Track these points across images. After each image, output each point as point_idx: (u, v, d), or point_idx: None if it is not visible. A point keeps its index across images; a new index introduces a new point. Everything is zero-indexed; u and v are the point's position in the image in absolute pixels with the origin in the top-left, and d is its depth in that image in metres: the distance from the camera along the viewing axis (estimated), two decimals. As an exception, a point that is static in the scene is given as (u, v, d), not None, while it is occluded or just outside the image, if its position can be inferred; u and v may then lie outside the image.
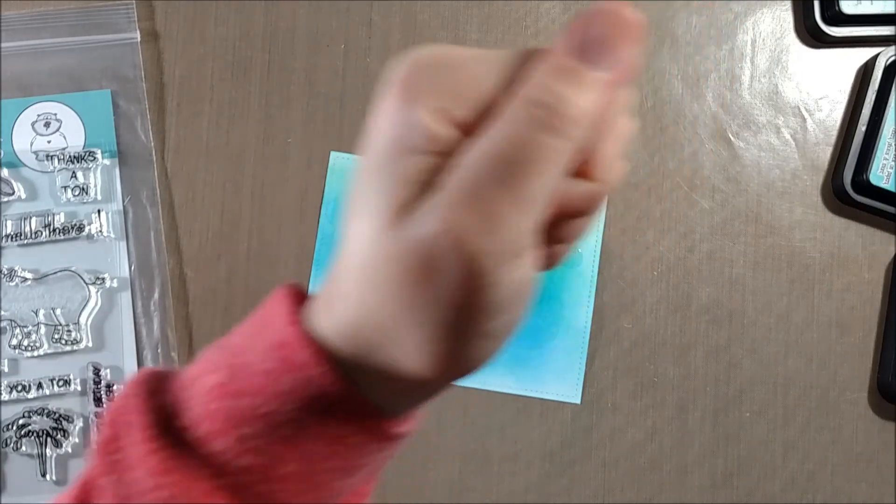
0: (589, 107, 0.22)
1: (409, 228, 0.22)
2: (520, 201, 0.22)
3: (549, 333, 0.53)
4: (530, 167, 0.22)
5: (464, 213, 0.22)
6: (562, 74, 0.22)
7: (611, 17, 0.22)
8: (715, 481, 0.53)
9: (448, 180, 0.22)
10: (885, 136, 0.53)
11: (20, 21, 0.52)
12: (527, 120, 0.22)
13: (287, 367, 0.25)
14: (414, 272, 0.23)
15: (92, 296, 0.52)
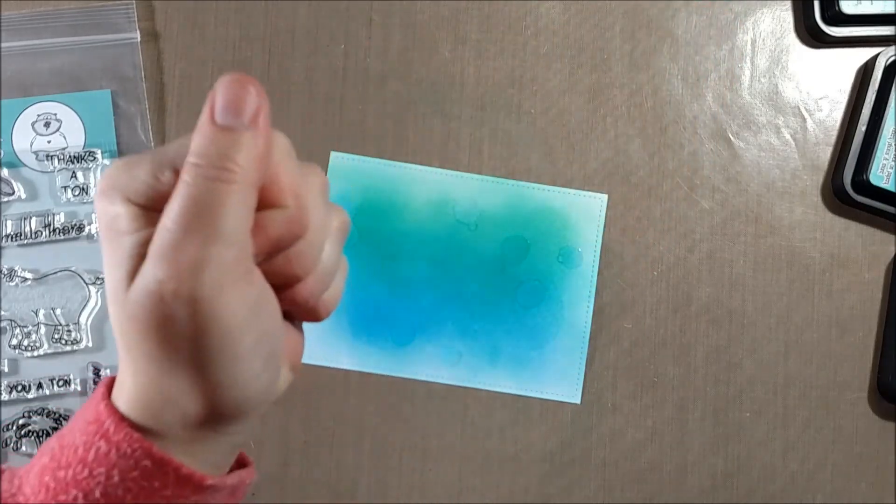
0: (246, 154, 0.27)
1: (135, 289, 0.27)
2: (217, 237, 0.27)
3: (549, 333, 0.53)
4: (216, 209, 0.27)
5: (172, 262, 0.27)
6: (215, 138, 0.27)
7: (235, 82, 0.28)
8: (715, 481, 0.53)
9: (154, 244, 0.27)
10: (885, 136, 0.53)
11: (20, 21, 0.52)
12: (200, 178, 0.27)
13: (96, 438, 0.29)
14: (151, 322, 0.27)
15: (92, 296, 0.52)
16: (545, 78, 0.54)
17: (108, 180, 0.29)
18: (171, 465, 0.29)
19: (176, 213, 0.27)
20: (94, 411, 0.30)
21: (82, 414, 0.31)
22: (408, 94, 0.54)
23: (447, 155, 0.54)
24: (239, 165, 0.27)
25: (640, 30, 0.55)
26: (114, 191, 0.29)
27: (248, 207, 0.28)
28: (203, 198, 0.27)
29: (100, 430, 0.29)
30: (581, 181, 0.54)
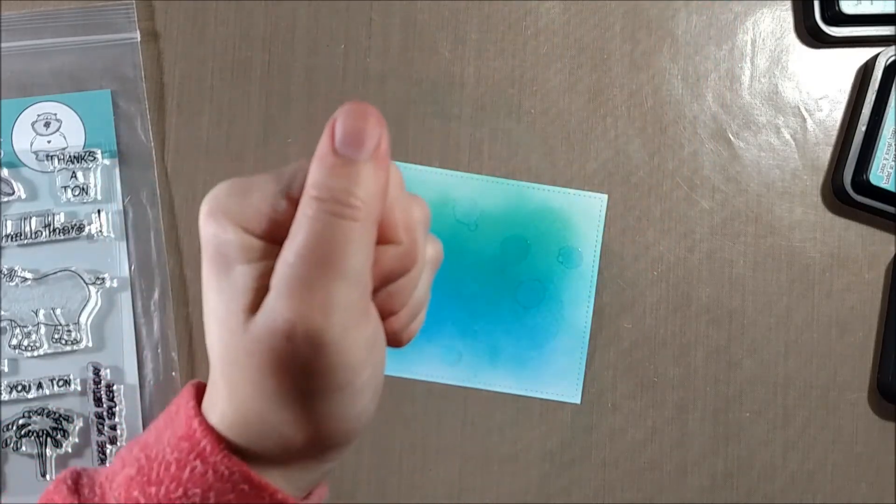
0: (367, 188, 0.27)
1: (259, 325, 0.27)
2: (343, 277, 0.26)
3: (549, 333, 0.53)
4: (341, 248, 0.26)
5: (300, 301, 0.26)
6: (337, 170, 0.27)
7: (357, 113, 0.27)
8: (715, 481, 0.53)
9: (277, 279, 0.27)
10: (885, 136, 0.53)
11: (20, 21, 0.52)
12: (323, 214, 0.26)
13: (191, 457, 0.28)
14: (273, 359, 0.27)
15: (92, 296, 0.52)
16: (545, 78, 0.54)
17: (217, 203, 0.28)
18: (268, 490, 0.29)
19: (301, 249, 0.26)
20: (187, 427, 0.29)
21: (170, 426, 0.30)
22: (408, 94, 0.54)
23: (447, 155, 0.54)
24: (361, 201, 0.27)
25: (640, 30, 0.55)
26: (225, 216, 0.28)
27: (371, 245, 0.28)
28: (328, 235, 0.26)
29: (195, 448, 0.29)
30: (581, 181, 0.54)
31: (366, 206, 0.27)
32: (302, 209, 0.27)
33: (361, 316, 0.28)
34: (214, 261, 0.28)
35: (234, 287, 0.28)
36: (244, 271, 0.28)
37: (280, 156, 0.54)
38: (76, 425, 0.51)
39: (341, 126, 0.27)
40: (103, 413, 0.51)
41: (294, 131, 0.54)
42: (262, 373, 0.27)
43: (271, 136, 0.54)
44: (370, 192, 0.27)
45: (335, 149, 0.27)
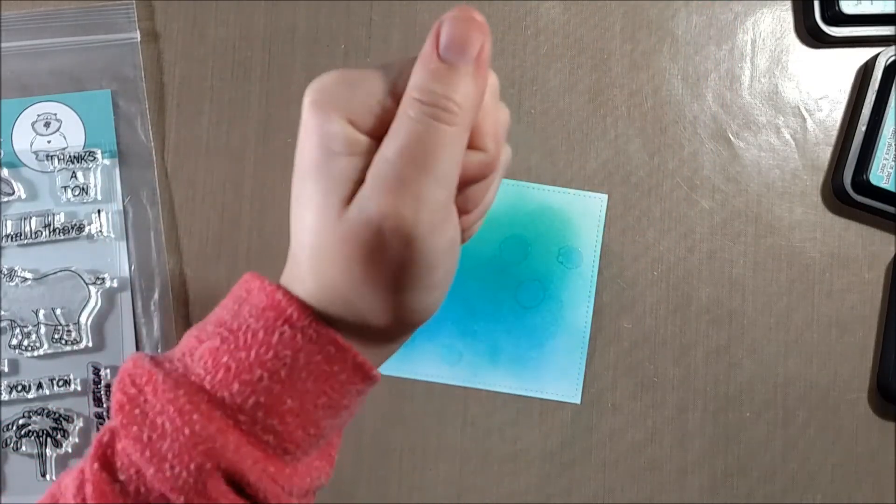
0: (465, 94, 0.28)
1: (354, 215, 0.28)
2: (436, 178, 0.28)
3: (549, 333, 0.53)
4: (436, 151, 0.28)
5: (395, 197, 0.28)
6: (439, 75, 0.28)
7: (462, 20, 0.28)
8: (715, 481, 0.53)
9: (374, 174, 0.28)
10: (885, 136, 0.53)
11: (20, 21, 0.52)
12: (423, 116, 0.28)
13: (277, 322, 0.30)
14: (364, 248, 0.28)
15: (92, 296, 0.52)
16: (545, 78, 0.54)
17: (325, 94, 0.29)
18: (351, 353, 0.31)
19: (400, 147, 0.28)
20: (270, 299, 0.31)
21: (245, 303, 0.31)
22: (408, 94, 0.54)
23: (447, 155, 0.54)
24: (459, 106, 0.28)
25: (640, 30, 0.55)
26: (333, 107, 0.29)
27: (462, 149, 0.29)
28: (425, 136, 0.28)
29: (281, 315, 0.30)
30: (581, 181, 0.54)
31: (462, 112, 0.28)
32: (403, 108, 0.28)
33: (446, 216, 0.29)
34: (319, 152, 0.29)
35: (335, 177, 0.29)
36: (346, 163, 0.29)
37: (280, 156, 0.54)
38: (76, 425, 0.51)
39: (446, 31, 0.28)
40: (103, 413, 0.51)
41: (294, 131, 0.54)
42: (351, 260, 0.29)
43: (271, 136, 0.54)
44: (468, 99, 0.28)
45: (439, 53, 0.28)
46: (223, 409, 0.30)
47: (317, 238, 0.30)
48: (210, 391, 0.30)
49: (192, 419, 0.29)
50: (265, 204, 0.53)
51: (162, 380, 0.30)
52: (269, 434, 0.30)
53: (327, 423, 0.32)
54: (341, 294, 0.30)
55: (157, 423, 0.29)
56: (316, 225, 0.29)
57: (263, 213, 0.53)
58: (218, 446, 0.29)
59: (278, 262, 0.53)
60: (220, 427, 0.29)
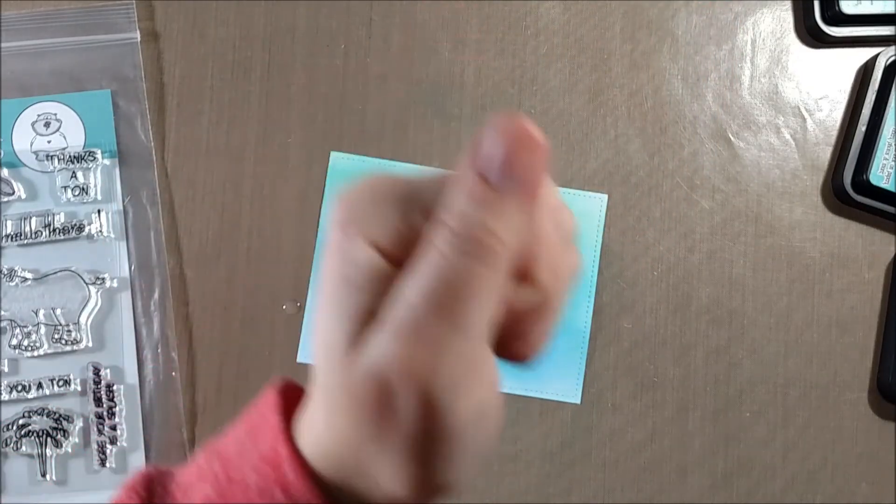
0: (509, 228, 0.23)
1: (360, 362, 0.24)
2: (463, 329, 0.23)
3: (549, 333, 0.53)
4: (463, 296, 0.23)
5: (410, 349, 0.23)
6: (478, 199, 0.23)
7: (512, 134, 0.22)
8: (715, 481, 0.53)
9: (390, 314, 0.23)
10: (885, 136, 0.53)
11: (20, 21, 0.52)
12: (455, 252, 0.23)
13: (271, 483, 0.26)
14: (369, 403, 0.24)
15: (92, 296, 0.52)
16: (545, 78, 0.54)
17: (351, 212, 0.25)
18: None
19: (424, 289, 0.23)
20: (272, 449, 0.26)
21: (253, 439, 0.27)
22: (408, 94, 0.54)
23: (447, 155, 0.54)
24: (500, 241, 0.23)
25: (640, 30, 0.55)
26: (356, 228, 0.24)
27: (499, 293, 0.24)
28: (455, 277, 0.23)
29: (277, 475, 0.26)
30: (581, 181, 0.54)
31: (503, 248, 0.23)
32: (433, 240, 0.23)
33: (474, 373, 0.24)
34: (337, 279, 0.25)
35: (347, 311, 0.24)
36: (364, 297, 0.24)
37: (280, 156, 0.54)
38: (76, 425, 0.51)
39: (491, 145, 0.23)
40: (103, 413, 0.51)
41: (294, 131, 0.54)
42: (360, 413, 0.24)
43: (271, 136, 0.54)
44: (511, 231, 0.23)
45: (479, 171, 0.23)
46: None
47: (325, 380, 0.25)
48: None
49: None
50: (265, 204, 0.53)
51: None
52: None
53: None
54: (353, 451, 0.25)
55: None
56: (326, 364, 0.25)
57: (263, 213, 0.53)
58: None
59: (278, 263, 0.53)
60: None
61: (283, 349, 0.53)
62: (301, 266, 0.53)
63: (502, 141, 0.23)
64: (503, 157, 0.23)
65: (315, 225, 0.53)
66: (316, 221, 0.53)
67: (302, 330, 0.53)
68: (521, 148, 0.23)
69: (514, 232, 0.23)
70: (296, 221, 0.53)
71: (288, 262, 0.53)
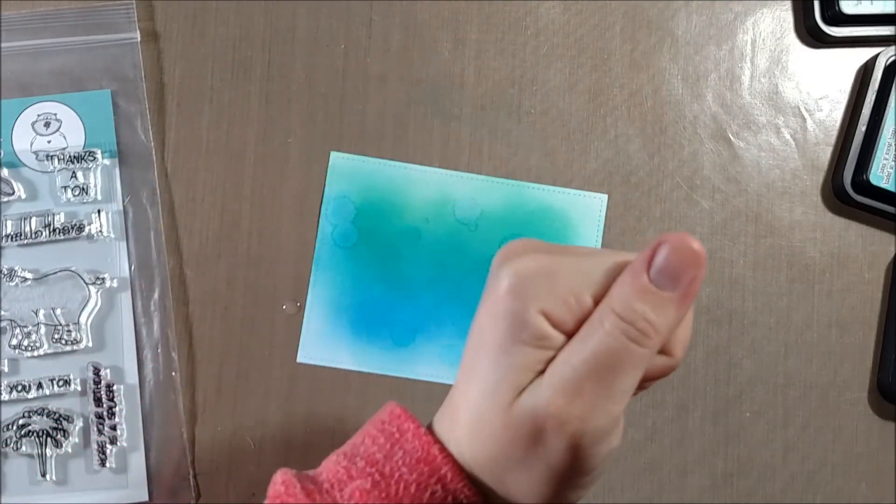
0: (666, 321, 0.28)
1: (523, 406, 0.29)
2: (613, 394, 0.28)
3: (549, 333, 0.53)
4: (620, 368, 0.28)
5: (568, 403, 0.28)
6: (644, 295, 0.28)
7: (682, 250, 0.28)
8: (715, 481, 0.53)
9: (554, 373, 0.28)
10: (885, 136, 0.53)
11: (20, 21, 0.52)
12: (618, 333, 0.28)
13: (431, 479, 0.30)
14: (525, 441, 0.29)
15: (92, 296, 0.52)
16: (545, 78, 0.54)
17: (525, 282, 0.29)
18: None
19: (587, 357, 0.28)
20: (425, 452, 0.31)
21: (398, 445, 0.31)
22: (408, 94, 0.54)
23: (447, 155, 0.54)
24: (657, 331, 0.28)
25: (640, 30, 0.55)
26: (532, 299, 0.29)
27: (645, 367, 0.29)
28: (615, 352, 0.28)
29: (436, 472, 0.30)
30: (581, 181, 0.54)
31: (657, 336, 0.28)
32: (599, 317, 0.28)
33: (614, 427, 0.29)
34: (506, 333, 0.29)
35: (516, 364, 0.29)
36: (531, 354, 0.29)
37: (280, 156, 0.54)
38: (76, 425, 0.51)
39: (662, 255, 0.28)
40: (103, 413, 0.51)
41: (294, 131, 0.54)
42: (510, 444, 0.29)
43: (271, 136, 0.54)
44: (666, 325, 0.28)
45: (650, 275, 0.28)
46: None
47: (482, 412, 0.30)
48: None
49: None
50: (265, 204, 0.53)
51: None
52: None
53: None
54: (496, 471, 0.30)
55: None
56: (483, 402, 0.30)
57: (263, 213, 0.53)
58: None
59: (278, 263, 0.53)
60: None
61: (283, 349, 0.53)
62: (301, 266, 0.53)
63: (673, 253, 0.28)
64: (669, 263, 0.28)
65: (315, 225, 0.53)
66: (316, 221, 0.53)
67: (302, 330, 0.53)
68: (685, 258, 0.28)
69: (668, 325, 0.29)
70: (296, 221, 0.53)
71: (288, 262, 0.53)
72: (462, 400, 0.31)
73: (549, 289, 0.29)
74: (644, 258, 0.28)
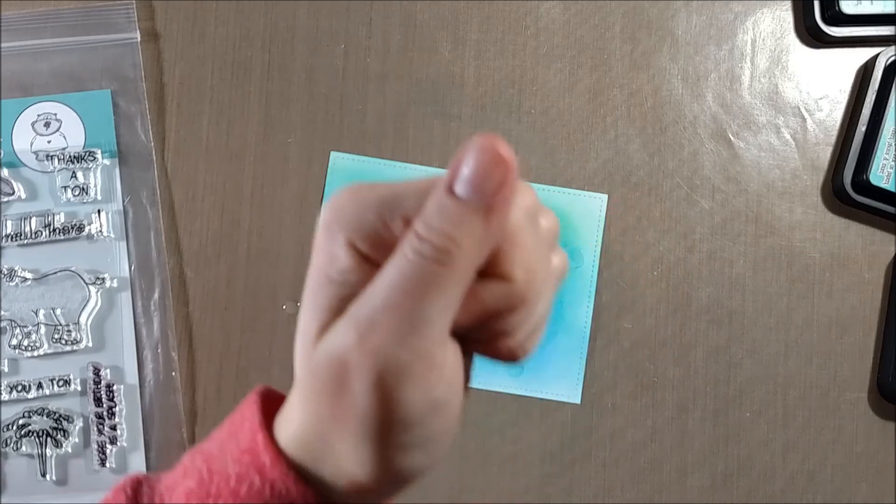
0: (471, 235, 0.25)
1: (321, 349, 0.26)
2: (414, 324, 0.25)
3: (549, 333, 0.53)
4: (420, 295, 0.25)
5: (362, 337, 0.25)
6: (443, 210, 0.25)
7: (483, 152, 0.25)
8: (715, 481, 0.53)
9: (352, 309, 0.26)
10: (885, 136, 0.53)
11: (20, 21, 0.52)
12: (414, 255, 0.25)
13: (251, 471, 0.28)
14: (329, 385, 0.26)
15: (92, 296, 0.52)
16: (545, 78, 0.54)
17: (335, 212, 0.28)
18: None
19: (384, 286, 0.25)
20: (250, 440, 0.28)
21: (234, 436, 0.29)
22: (408, 94, 0.54)
23: (447, 155, 0.54)
24: (460, 248, 0.25)
25: (640, 30, 0.55)
26: (339, 228, 0.27)
27: (457, 294, 0.26)
28: (413, 276, 0.25)
29: (255, 462, 0.28)
30: (581, 181, 0.54)
31: (463, 255, 0.25)
32: (403, 247, 0.25)
33: (426, 368, 0.26)
34: (316, 275, 0.27)
35: (320, 304, 0.27)
36: (333, 291, 0.27)
37: (280, 156, 0.54)
38: (76, 425, 0.51)
39: (467, 165, 0.25)
40: (103, 413, 0.51)
41: (294, 131, 0.54)
42: (319, 395, 0.27)
43: (271, 136, 0.54)
44: (472, 240, 0.25)
45: (454, 188, 0.25)
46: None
47: (298, 366, 0.28)
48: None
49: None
50: (265, 204, 0.53)
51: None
52: None
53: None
54: (319, 435, 0.27)
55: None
56: (298, 350, 0.28)
57: (263, 213, 0.53)
58: None
59: (278, 263, 0.53)
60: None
61: (283, 349, 0.53)
62: (301, 266, 0.53)
63: (473, 159, 0.25)
64: (471, 174, 0.25)
65: (315, 225, 0.53)
66: (316, 221, 0.53)
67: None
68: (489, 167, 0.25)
69: (475, 240, 0.25)
70: (296, 221, 0.53)
71: (288, 262, 0.53)
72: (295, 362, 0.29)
73: (358, 218, 0.27)
74: (450, 171, 0.25)
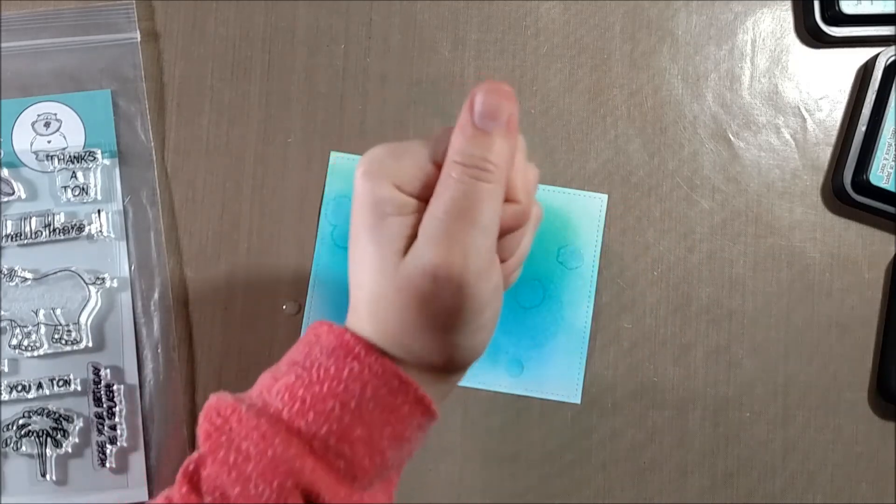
0: (499, 154, 0.32)
1: (409, 267, 0.32)
2: (480, 229, 0.32)
3: (549, 333, 0.53)
4: (478, 205, 0.32)
5: (445, 248, 0.32)
6: (475, 139, 0.32)
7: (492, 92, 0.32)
8: (715, 481, 0.53)
9: (425, 229, 0.32)
10: (885, 136, 0.53)
11: (20, 21, 0.52)
12: (465, 177, 0.32)
13: (349, 359, 0.34)
14: (419, 296, 0.32)
15: (92, 296, 0.52)
16: (545, 78, 0.54)
17: (375, 165, 0.33)
18: (412, 387, 0.34)
19: (446, 204, 0.32)
20: (338, 340, 0.35)
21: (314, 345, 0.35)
22: (408, 94, 0.54)
23: (447, 155, 0.54)
24: (494, 165, 0.32)
25: (640, 30, 0.55)
26: (382, 175, 0.33)
27: (500, 201, 0.33)
28: (468, 193, 0.32)
29: (350, 353, 0.34)
30: (581, 181, 0.54)
31: (498, 170, 0.32)
32: (446, 171, 0.32)
33: (491, 262, 0.33)
34: (372, 214, 0.33)
35: (389, 234, 0.33)
36: (397, 222, 0.33)
37: (280, 156, 0.54)
38: (76, 425, 0.51)
39: (479, 102, 0.32)
40: (103, 413, 0.51)
41: (294, 131, 0.54)
42: (407, 306, 0.33)
43: (271, 136, 0.54)
44: (501, 158, 0.32)
45: (473, 122, 0.32)
46: (300, 436, 0.33)
47: (375, 288, 0.33)
48: (287, 421, 0.33)
49: (274, 443, 0.33)
50: (265, 204, 0.53)
51: (245, 410, 0.34)
52: (340, 460, 0.33)
53: (391, 455, 0.35)
54: (397, 338, 0.34)
55: (241, 448, 0.33)
56: (374, 276, 0.33)
57: (263, 213, 0.53)
58: (297, 468, 0.32)
59: (278, 263, 0.53)
60: (298, 452, 0.33)
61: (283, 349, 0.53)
62: (301, 266, 0.53)
63: (485, 97, 0.32)
64: (486, 106, 0.32)
65: (315, 225, 0.53)
66: (316, 221, 0.53)
67: (302, 330, 0.53)
68: (497, 98, 0.32)
69: (502, 158, 0.33)
70: (296, 221, 0.53)
71: (288, 262, 0.53)
72: (356, 289, 0.35)
73: (396, 165, 0.33)
74: (466, 111, 0.32)
